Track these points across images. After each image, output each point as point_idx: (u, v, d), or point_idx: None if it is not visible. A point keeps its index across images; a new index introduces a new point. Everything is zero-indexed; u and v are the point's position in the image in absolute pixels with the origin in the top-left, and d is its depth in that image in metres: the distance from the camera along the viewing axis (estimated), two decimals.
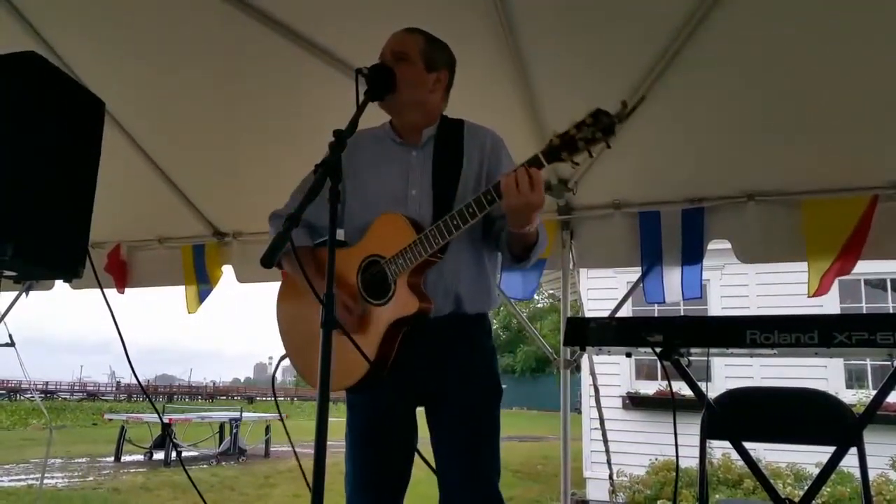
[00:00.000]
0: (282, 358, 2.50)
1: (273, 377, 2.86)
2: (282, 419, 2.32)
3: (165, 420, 13.46)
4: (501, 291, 4.32)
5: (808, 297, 3.73)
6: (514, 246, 2.30)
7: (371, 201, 2.39)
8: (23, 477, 11.51)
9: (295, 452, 2.19)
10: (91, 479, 11.49)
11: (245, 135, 4.28)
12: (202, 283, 5.25)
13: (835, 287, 9.10)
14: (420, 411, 2.39)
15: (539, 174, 2.04)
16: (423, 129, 2.43)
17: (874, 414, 2.61)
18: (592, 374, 5.31)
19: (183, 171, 4.80)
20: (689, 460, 3.12)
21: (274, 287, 2.65)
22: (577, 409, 11.00)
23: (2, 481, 11.06)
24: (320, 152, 1.90)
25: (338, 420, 2.45)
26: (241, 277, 5.17)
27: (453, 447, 2.28)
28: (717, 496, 7.11)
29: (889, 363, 2.55)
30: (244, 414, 15.70)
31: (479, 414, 2.31)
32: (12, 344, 5.77)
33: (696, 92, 3.41)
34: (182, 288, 5.34)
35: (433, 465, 2.24)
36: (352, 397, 2.42)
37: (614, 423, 8.64)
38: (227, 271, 5.25)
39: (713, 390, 3.09)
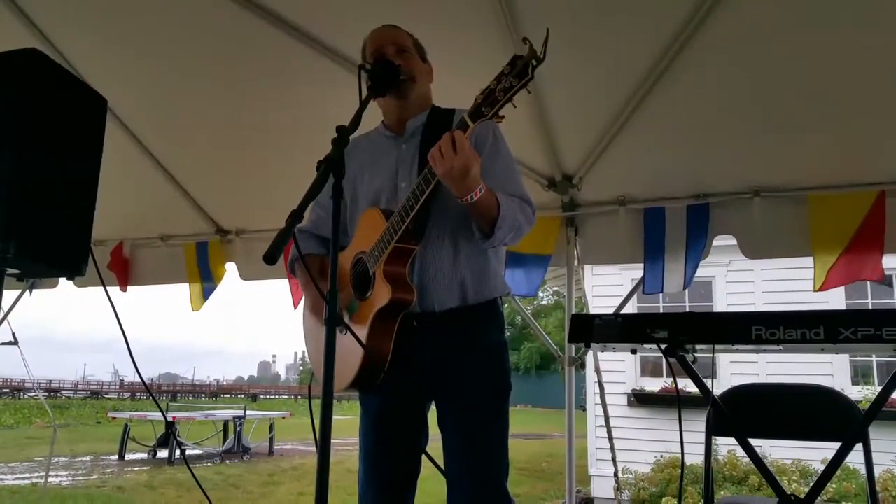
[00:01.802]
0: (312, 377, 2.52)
1: (309, 390, 2.88)
2: (311, 424, 2.33)
3: (169, 418, 13.46)
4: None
5: (815, 291, 3.71)
6: (477, 221, 2.25)
7: (366, 200, 2.42)
8: (27, 475, 11.53)
9: (316, 445, 2.18)
10: (95, 477, 11.51)
11: (248, 132, 4.27)
12: (206, 280, 5.25)
13: None
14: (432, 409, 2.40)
15: (462, 136, 2.01)
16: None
17: (880, 410, 2.59)
18: (597, 371, 5.28)
19: (186, 169, 4.80)
20: (695, 457, 3.11)
21: (277, 284, 2.67)
22: (582, 407, 10.98)
23: (6, 479, 11.08)
24: (324, 149, 1.89)
25: (342, 419, 2.45)
26: (245, 275, 5.16)
27: (459, 445, 2.27)
28: (722, 493, 7.11)
29: (895, 359, 2.53)
30: (248, 412, 15.73)
31: (485, 412, 2.29)
32: (16, 342, 5.78)
33: (701, 87, 3.39)
34: (185, 286, 5.34)
35: (440, 464, 2.23)
36: (363, 397, 2.44)
37: (619, 421, 8.64)
38: (231, 269, 5.24)
39: (719, 387, 3.08)
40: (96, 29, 3.72)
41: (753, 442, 2.78)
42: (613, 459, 5.28)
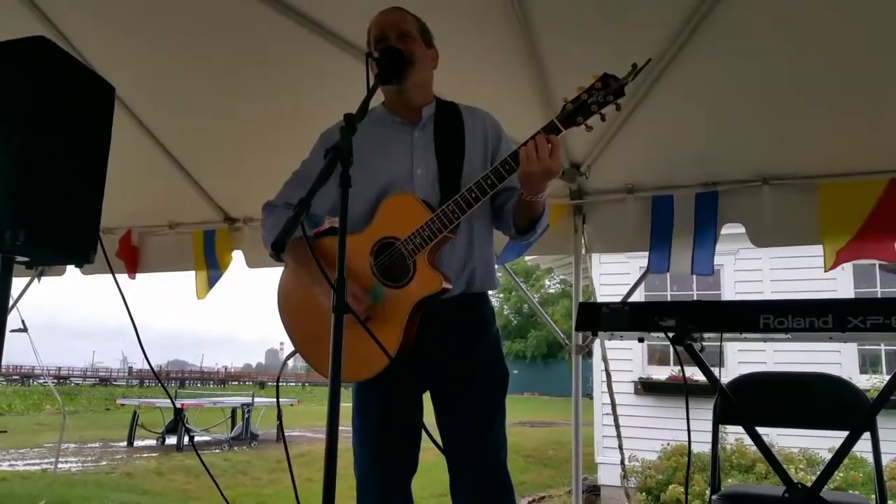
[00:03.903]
0: (291, 354, 2.48)
1: (280, 371, 2.86)
2: (279, 417, 2.30)
3: (178, 405, 13.53)
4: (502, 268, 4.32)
5: (825, 271, 3.69)
6: (520, 218, 2.30)
7: (376, 184, 2.35)
8: (37, 461, 11.63)
9: (284, 440, 2.18)
10: (104, 463, 11.60)
11: (256, 119, 4.26)
12: (212, 268, 5.25)
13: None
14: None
15: (558, 140, 2.08)
16: (422, 108, 2.42)
17: (888, 399, 2.58)
18: (604, 359, 5.28)
19: (194, 157, 4.80)
20: (702, 445, 3.12)
21: None
22: (589, 395, 11.00)
23: (17, 465, 11.18)
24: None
25: (347, 406, 2.45)
26: (252, 263, 5.16)
27: (460, 429, 2.30)
28: (729, 480, 7.10)
29: None
30: (256, 399, 15.80)
31: (485, 397, 2.32)
32: (25, 329, 5.82)
33: (709, 75, 3.37)
34: (193, 273, 5.35)
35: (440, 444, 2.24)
36: (365, 386, 2.38)
37: (626, 409, 8.63)
38: (237, 257, 5.24)
39: (726, 375, 3.08)
40: (104, 16, 3.72)
41: (761, 430, 2.78)
42: (620, 447, 5.29)
